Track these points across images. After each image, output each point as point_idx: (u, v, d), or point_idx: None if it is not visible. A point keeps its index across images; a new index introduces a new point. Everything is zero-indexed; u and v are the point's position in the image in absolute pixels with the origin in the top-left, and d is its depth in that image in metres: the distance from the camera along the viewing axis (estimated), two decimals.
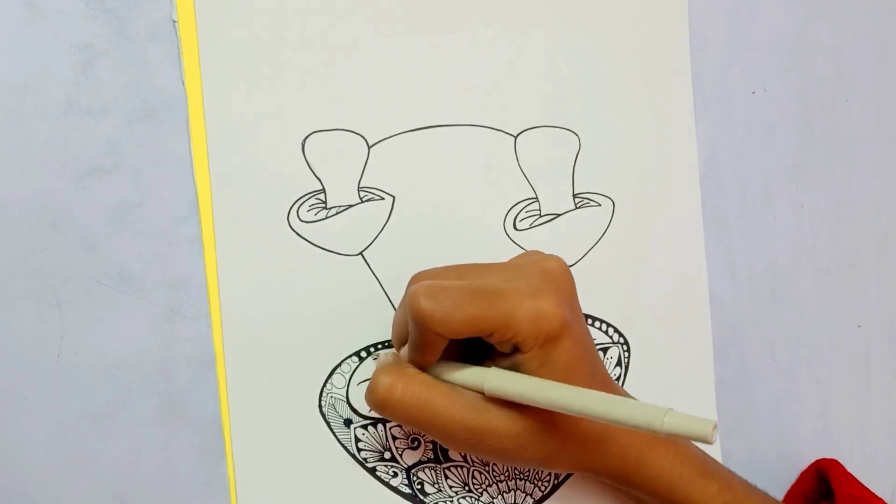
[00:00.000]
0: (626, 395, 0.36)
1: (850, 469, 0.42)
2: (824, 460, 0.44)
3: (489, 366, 0.32)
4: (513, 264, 0.33)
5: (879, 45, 0.46)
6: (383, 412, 0.31)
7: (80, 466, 0.33)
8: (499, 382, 0.31)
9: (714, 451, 0.42)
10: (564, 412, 0.29)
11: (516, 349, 0.31)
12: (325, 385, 0.35)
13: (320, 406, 0.36)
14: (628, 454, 0.33)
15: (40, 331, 0.32)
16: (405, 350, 0.33)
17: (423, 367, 0.32)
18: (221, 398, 0.34)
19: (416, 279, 0.33)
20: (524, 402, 0.30)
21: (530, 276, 0.31)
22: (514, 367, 0.31)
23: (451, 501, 0.38)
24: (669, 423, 0.26)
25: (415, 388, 0.31)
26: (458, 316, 0.29)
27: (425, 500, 0.38)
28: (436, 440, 0.35)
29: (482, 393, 0.31)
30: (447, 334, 0.30)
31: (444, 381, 0.32)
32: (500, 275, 0.32)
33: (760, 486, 0.37)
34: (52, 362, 0.33)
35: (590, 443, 0.33)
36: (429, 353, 0.31)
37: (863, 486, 0.41)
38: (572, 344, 0.31)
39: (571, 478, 0.39)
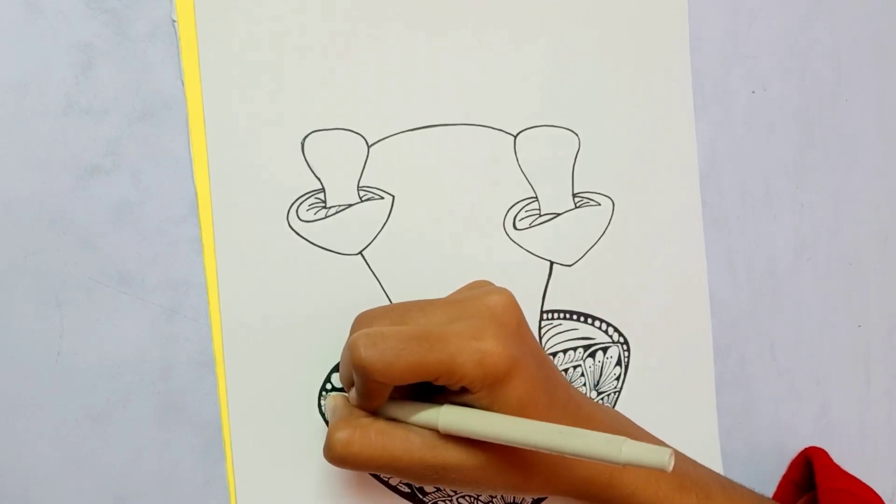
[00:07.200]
0: (600, 411, 0.35)
1: (849, 469, 0.42)
2: (812, 449, 0.43)
3: (442, 401, 0.31)
4: (456, 300, 0.32)
5: (879, 45, 0.46)
6: (343, 466, 0.31)
7: (80, 466, 0.33)
8: (452, 421, 0.30)
9: (714, 451, 0.42)
10: (520, 447, 0.29)
11: (465, 389, 0.30)
12: (324, 385, 0.35)
13: (320, 406, 0.36)
14: (599, 477, 0.33)
15: (40, 330, 0.32)
16: (354, 392, 0.32)
17: (373, 411, 0.32)
18: (221, 398, 0.34)
19: (357, 323, 0.33)
20: (479, 438, 0.30)
21: (472, 315, 0.31)
22: (467, 404, 0.31)
23: (450, 501, 0.38)
24: (627, 453, 0.26)
25: (371, 439, 0.31)
26: (400, 364, 0.29)
27: (424, 499, 0.38)
28: (402, 480, 0.35)
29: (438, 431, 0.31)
30: (390, 382, 0.30)
31: (399, 420, 0.32)
32: (443, 314, 0.32)
33: (759, 486, 0.37)
34: (52, 362, 0.33)
35: (557, 468, 0.32)
36: (374, 399, 0.31)
37: (848, 475, 0.41)
38: (523, 380, 0.30)
39: None
